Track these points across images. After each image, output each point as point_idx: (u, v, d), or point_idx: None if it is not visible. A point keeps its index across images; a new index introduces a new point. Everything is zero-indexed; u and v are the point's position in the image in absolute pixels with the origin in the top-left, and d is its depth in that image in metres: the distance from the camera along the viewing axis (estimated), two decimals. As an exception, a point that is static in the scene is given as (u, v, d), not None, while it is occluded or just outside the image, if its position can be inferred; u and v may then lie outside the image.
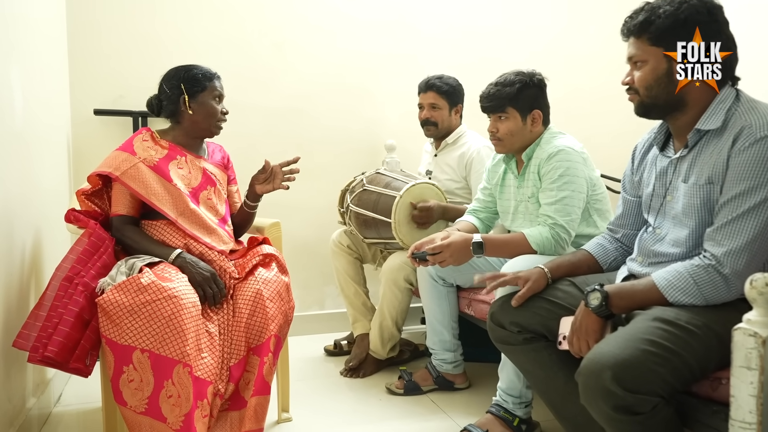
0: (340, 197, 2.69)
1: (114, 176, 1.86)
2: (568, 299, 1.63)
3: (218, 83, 2.02)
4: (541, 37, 3.40)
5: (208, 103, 1.98)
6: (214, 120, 1.99)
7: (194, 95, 1.97)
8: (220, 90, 2.02)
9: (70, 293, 1.70)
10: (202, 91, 1.97)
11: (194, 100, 1.96)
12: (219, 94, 2.01)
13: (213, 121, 1.99)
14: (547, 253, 1.93)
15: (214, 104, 1.99)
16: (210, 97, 1.98)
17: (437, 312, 2.30)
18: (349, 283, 2.67)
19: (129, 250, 1.87)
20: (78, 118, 2.77)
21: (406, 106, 3.15)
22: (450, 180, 2.61)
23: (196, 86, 1.96)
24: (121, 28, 2.82)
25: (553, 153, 1.97)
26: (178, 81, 1.97)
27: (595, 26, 3.45)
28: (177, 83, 1.97)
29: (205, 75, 1.99)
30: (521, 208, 2.12)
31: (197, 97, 1.97)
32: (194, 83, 1.97)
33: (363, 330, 2.62)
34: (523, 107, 2.03)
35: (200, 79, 1.97)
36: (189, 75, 1.98)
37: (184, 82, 1.96)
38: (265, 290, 1.85)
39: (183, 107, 1.96)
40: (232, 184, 2.17)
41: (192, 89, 1.96)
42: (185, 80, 1.97)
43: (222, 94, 2.03)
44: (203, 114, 1.98)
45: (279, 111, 3.05)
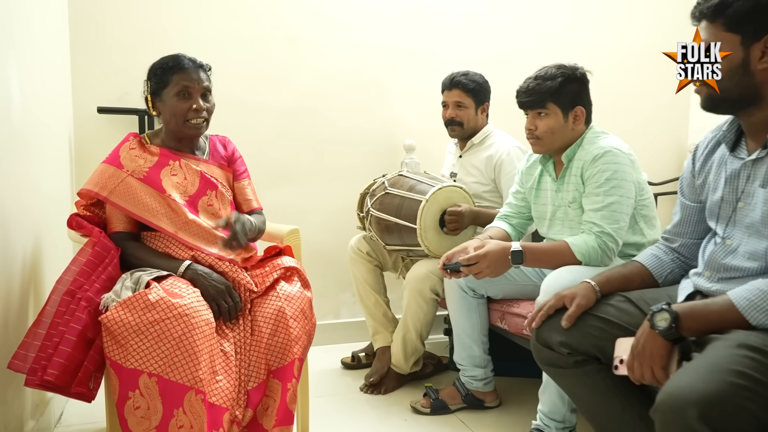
0: (359, 201, 2.53)
1: (102, 197, 1.70)
2: (623, 317, 1.47)
3: (190, 74, 1.73)
4: (565, 32, 3.23)
5: (170, 100, 1.74)
6: (180, 119, 1.74)
7: (158, 93, 1.76)
8: (190, 82, 1.73)
9: (72, 309, 1.54)
10: (165, 86, 1.74)
11: (158, 98, 1.76)
12: (186, 86, 1.72)
13: (180, 120, 1.74)
14: (593, 263, 1.77)
15: (175, 101, 1.73)
16: (172, 93, 1.73)
17: (466, 325, 2.14)
18: (368, 292, 2.51)
19: (133, 267, 1.71)
20: (80, 117, 2.61)
21: (425, 104, 3.00)
22: (477, 183, 2.45)
23: (159, 83, 1.75)
24: (126, 22, 2.66)
25: (599, 154, 1.80)
26: (147, 78, 1.79)
27: (619, 20, 3.28)
28: (146, 80, 1.79)
29: (170, 66, 1.73)
30: (559, 213, 1.96)
31: (161, 94, 1.75)
32: (157, 79, 1.75)
33: (384, 342, 2.46)
34: (564, 103, 1.86)
35: (161, 73, 1.74)
36: (153, 70, 1.77)
37: (149, 79, 1.78)
38: (288, 308, 1.68)
39: (147, 109, 1.79)
40: (241, 179, 1.94)
41: (156, 86, 1.76)
42: (150, 76, 1.77)
43: (190, 85, 1.73)
44: (168, 114, 1.75)
45: (292, 110, 2.89)
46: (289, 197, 2.87)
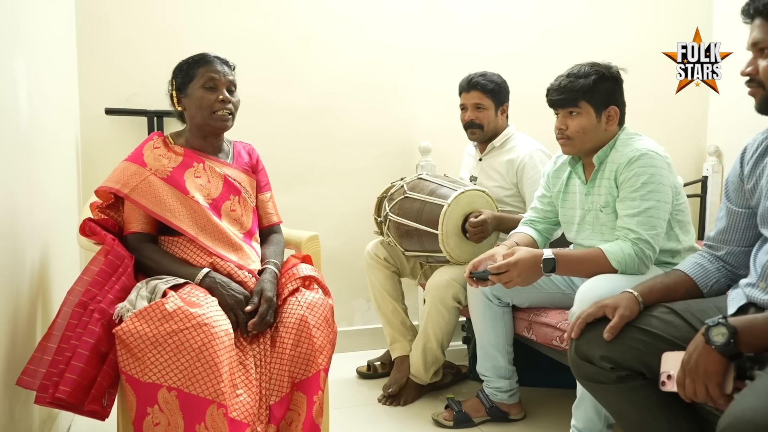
0: (376, 205, 2.44)
1: (122, 194, 1.63)
2: (668, 330, 1.39)
3: (215, 66, 1.72)
4: (584, 30, 3.15)
5: (196, 93, 1.71)
6: (207, 111, 1.71)
7: (183, 89, 1.73)
8: (216, 74, 1.71)
9: (84, 321, 1.46)
10: (190, 81, 1.72)
11: (183, 93, 1.73)
12: (210, 78, 1.70)
13: (206, 113, 1.71)
14: (629, 271, 1.69)
15: (202, 93, 1.70)
16: (198, 85, 1.71)
17: (491, 335, 2.05)
18: (386, 299, 2.43)
19: (148, 271, 1.63)
20: (88, 118, 2.53)
21: (441, 104, 2.92)
22: (498, 187, 2.36)
23: (184, 78, 1.73)
24: (134, 21, 2.57)
25: (635, 157, 1.72)
26: (172, 76, 1.76)
27: (638, 18, 3.20)
28: (171, 79, 1.76)
29: (195, 61, 1.73)
30: (589, 218, 1.88)
31: (186, 89, 1.73)
32: (182, 74, 1.73)
33: (402, 352, 2.38)
34: (598, 102, 1.78)
35: (187, 68, 1.73)
36: (179, 67, 1.75)
37: (174, 76, 1.75)
38: (311, 316, 1.60)
39: (171, 105, 1.76)
40: (263, 192, 1.90)
41: (181, 82, 1.73)
42: (175, 74, 1.75)
43: (217, 77, 1.71)
44: (194, 107, 1.72)
45: (304, 110, 2.81)
46: (301, 200, 2.79)
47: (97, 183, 2.08)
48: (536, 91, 2.99)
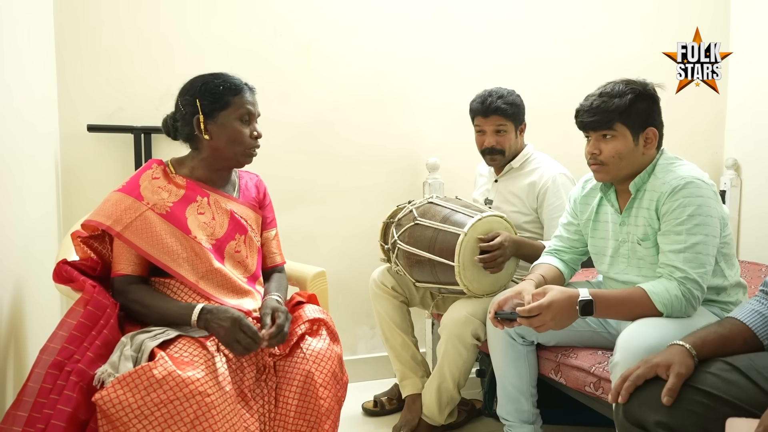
0: (382, 231, 2.26)
1: (114, 232, 1.43)
2: (732, 391, 1.21)
3: (248, 97, 1.57)
4: (601, 38, 2.97)
5: (231, 124, 1.53)
6: (240, 147, 1.55)
7: (213, 115, 1.52)
8: (251, 107, 1.57)
9: (60, 386, 1.26)
10: (222, 109, 1.52)
11: (212, 120, 1.52)
12: (248, 111, 1.56)
13: (239, 148, 1.55)
14: (675, 314, 1.51)
15: (238, 126, 1.54)
16: (234, 117, 1.53)
17: (513, 376, 1.87)
18: (394, 332, 2.24)
19: (136, 316, 1.44)
20: (68, 136, 2.32)
21: (449, 117, 2.75)
22: (517, 212, 2.18)
23: (215, 103, 1.52)
24: (119, 29, 2.36)
25: (679, 186, 1.55)
26: (193, 96, 1.53)
27: (652, 24, 3.03)
28: (192, 99, 1.53)
29: (229, 87, 1.54)
30: (624, 250, 1.71)
31: (216, 117, 1.52)
32: (213, 98, 1.52)
33: (414, 390, 2.19)
34: (634, 124, 1.61)
35: (221, 93, 1.53)
36: (207, 88, 1.53)
37: (199, 97, 1.52)
38: (318, 372, 1.41)
39: (197, 132, 1.53)
40: (268, 229, 1.72)
41: (210, 107, 1.52)
42: (201, 94, 1.53)
43: (253, 111, 1.58)
44: (225, 139, 1.53)
45: (303, 125, 2.61)
46: (300, 221, 2.60)
47: (79, 208, 1.87)
48: (547, 103, 2.87)
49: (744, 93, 3.08)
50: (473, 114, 2.23)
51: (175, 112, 1.58)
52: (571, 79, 2.88)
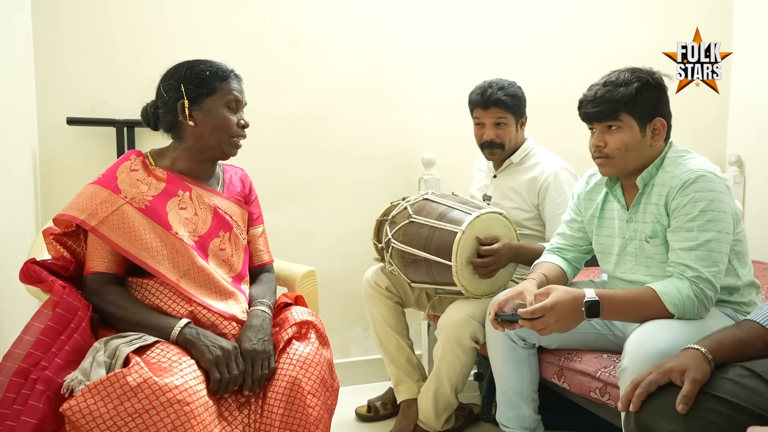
0: (375, 229, 2.16)
1: (89, 226, 1.33)
2: (752, 399, 1.13)
3: (235, 84, 1.49)
4: (600, 33, 2.89)
5: (218, 110, 1.45)
6: (225, 135, 1.46)
7: (198, 100, 1.43)
8: (238, 94, 1.49)
9: (24, 395, 1.16)
10: (209, 95, 1.44)
11: (198, 107, 1.44)
12: (235, 98, 1.48)
13: (224, 136, 1.46)
14: (687, 316, 1.43)
15: (225, 112, 1.45)
16: (221, 103, 1.45)
17: (514, 381, 1.78)
18: (388, 334, 2.15)
19: (111, 320, 1.34)
20: (47, 130, 2.21)
21: (446, 112, 2.67)
22: (517, 209, 2.09)
23: (201, 88, 1.43)
24: (100, 18, 2.26)
25: (690, 180, 1.46)
26: (178, 81, 1.44)
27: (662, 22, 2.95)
28: (176, 84, 1.44)
29: (216, 72, 1.46)
30: (631, 248, 1.62)
31: (202, 103, 1.44)
32: (199, 83, 1.44)
33: (410, 394, 2.10)
34: (641, 114, 1.52)
35: (207, 78, 1.44)
36: (192, 73, 1.44)
37: (184, 83, 1.44)
38: (305, 379, 1.32)
39: (182, 117, 1.43)
40: (255, 225, 1.63)
41: (195, 92, 1.43)
42: (186, 80, 1.44)
43: (240, 98, 1.50)
44: (210, 126, 1.44)
45: (295, 120, 2.52)
46: (292, 219, 2.50)
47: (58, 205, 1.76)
48: (547, 97, 2.79)
49: (747, 89, 3.01)
50: (472, 106, 2.14)
51: (156, 99, 1.49)
52: (572, 72, 2.79)
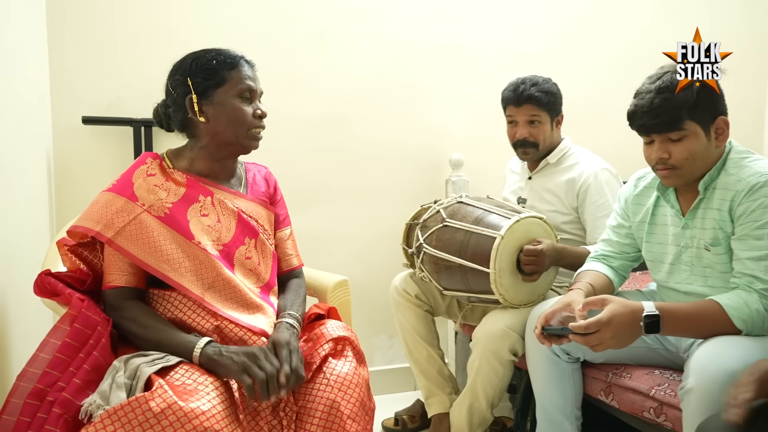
0: (405, 233, 2.06)
1: (104, 238, 1.23)
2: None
3: (247, 71, 1.37)
4: (632, 26, 2.77)
5: (229, 102, 1.33)
6: (242, 128, 1.34)
7: (207, 93, 1.32)
8: (250, 82, 1.36)
9: (40, 419, 1.06)
10: (218, 86, 1.32)
11: (207, 100, 1.32)
12: (248, 87, 1.35)
13: (241, 129, 1.34)
14: (756, 331, 1.31)
15: (238, 103, 1.33)
16: (232, 94, 1.33)
17: (556, 397, 1.67)
18: (419, 344, 2.04)
19: (132, 338, 1.24)
20: (62, 129, 2.12)
21: (475, 110, 2.57)
22: (555, 212, 1.98)
23: (209, 79, 1.32)
24: (117, 14, 2.17)
25: (759, 184, 1.34)
26: (184, 75, 1.33)
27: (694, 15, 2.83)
28: (182, 78, 1.33)
29: (224, 61, 1.34)
30: (686, 257, 1.50)
31: (212, 95, 1.32)
32: (206, 75, 1.32)
33: (441, 408, 1.99)
34: (705, 117, 1.39)
35: (214, 67, 1.32)
36: (198, 64, 1.33)
37: (190, 76, 1.32)
38: (344, 402, 1.21)
39: (191, 114, 1.32)
40: (282, 228, 1.52)
41: (203, 84, 1.32)
42: (192, 72, 1.32)
43: (254, 87, 1.37)
44: (224, 120, 1.33)
45: (317, 119, 2.41)
46: (314, 222, 2.40)
47: (74, 207, 1.68)
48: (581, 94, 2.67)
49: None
50: (505, 103, 2.03)
51: (165, 97, 1.38)
52: (606, 68, 2.68)
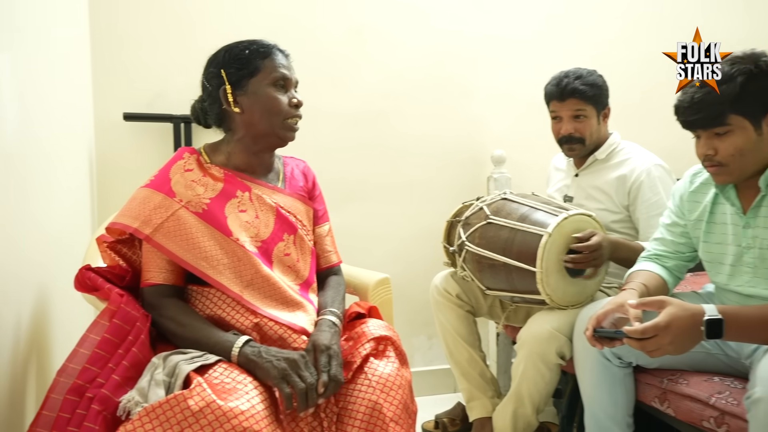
0: (446, 230, 2.00)
1: (142, 235, 1.21)
2: None
3: (281, 60, 1.34)
4: (687, 21, 2.66)
5: (264, 91, 1.30)
6: (278, 118, 1.31)
7: (241, 84, 1.30)
8: (284, 70, 1.33)
9: (79, 416, 1.05)
10: (252, 76, 1.30)
11: (242, 91, 1.30)
12: (282, 76, 1.32)
13: (276, 119, 1.31)
14: (829, 339, 1.21)
15: (273, 92, 1.30)
16: (267, 83, 1.30)
17: (607, 403, 1.59)
18: (460, 345, 1.98)
19: (170, 336, 1.22)
20: (103, 126, 2.14)
21: (517, 104, 2.50)
22: (604, 210, 1.90)
23: (242, 69, 1.29)
24: (157, 10, 2.18)
25: (829, 179, 1.25)
26: (217, 67, 1.31)
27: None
28: (216, 71, 1.31)
29: (257, 50, 1.31)
30: (748, 258, 1.41)
31: (246, 85, 1.30)
32: (239, 65, 1.29)
33: (484, 413, 1.93)
34: (753, 110, 1.30)
35: (247, 57, 1.30)
36: (231, 55, 1.31)
37: (224, 67, 1.30)
38: (387, 404, 1.17)
39: (226, 105, 1.30)
40: (320, 224, 1.49)
41: (237, 74, 1.29)
42: (225, 63, 1.30)
43: (289, 75, 1.34)
44: (259, 110, 1.30)
45: (357, 114, 2.39)
46: (351, 220, 2.37)
47: (115, 204, 1.69)
48: (627, 89, 2.57)
49: None
50: (548, 98, 1.95)
51: (202, 92, 1.36)
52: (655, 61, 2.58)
